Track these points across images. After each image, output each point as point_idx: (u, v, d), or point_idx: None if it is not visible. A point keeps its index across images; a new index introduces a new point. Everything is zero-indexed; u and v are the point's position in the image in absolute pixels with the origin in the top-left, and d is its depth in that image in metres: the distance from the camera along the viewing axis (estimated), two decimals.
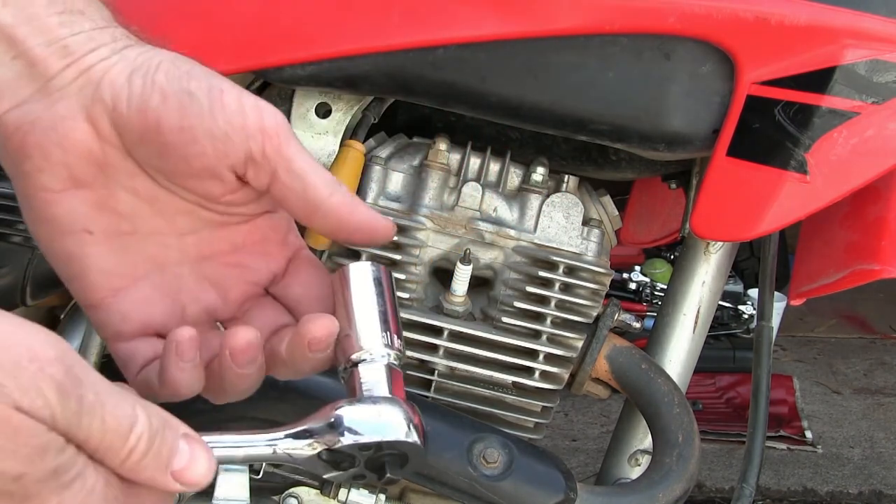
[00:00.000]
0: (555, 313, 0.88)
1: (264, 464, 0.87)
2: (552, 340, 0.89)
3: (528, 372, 0.90)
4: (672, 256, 3.00)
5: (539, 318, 0.89)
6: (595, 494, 0.86)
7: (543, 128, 0.84)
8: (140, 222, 0.54)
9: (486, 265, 0.89)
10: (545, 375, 0.90)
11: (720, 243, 0.96)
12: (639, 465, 0.99)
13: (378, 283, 0.56)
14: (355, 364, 0.54)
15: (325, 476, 0.53)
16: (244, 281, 0.58)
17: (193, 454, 0.46)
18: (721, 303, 2.63)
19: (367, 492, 0.87)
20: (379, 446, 0.51)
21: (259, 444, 0.51)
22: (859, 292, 1.13)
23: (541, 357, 0.89)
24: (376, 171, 0.87)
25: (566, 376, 0.92)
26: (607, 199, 0.94)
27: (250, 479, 0.87)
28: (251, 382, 0.53)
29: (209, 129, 0.50)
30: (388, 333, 0.55)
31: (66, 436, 0.41)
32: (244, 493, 0.87)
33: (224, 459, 0.51)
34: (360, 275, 0.56)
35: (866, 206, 0.81)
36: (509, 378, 0.90)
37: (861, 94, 0.75)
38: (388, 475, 0.52)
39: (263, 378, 0.54)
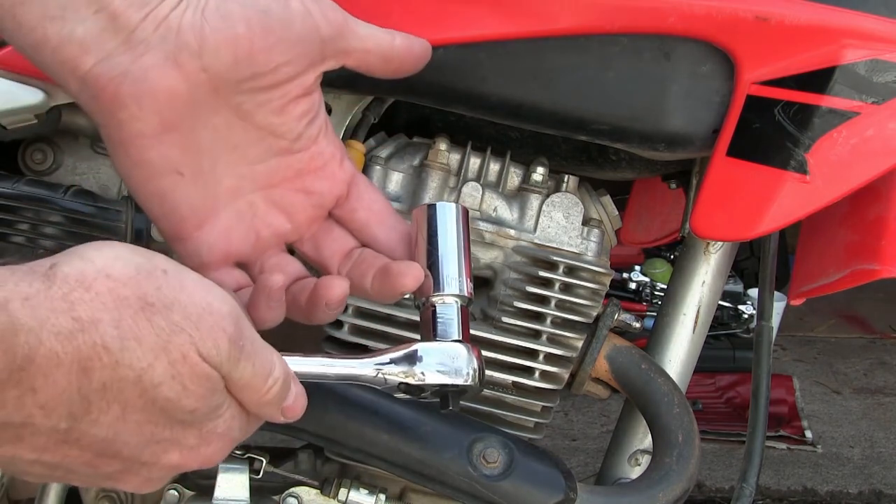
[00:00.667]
0: (555, 313, 0.88)
1: (264, 463, 0.87)
2: (552, 340, 0.89)
3: (528, 372, 0.90)
4: (672, 256, 3.00)
5: (539, 317, 0.89)
6: (595, 494, 0.86)
7: (543, 128, 0.84)
8: (218, 157, 0.59)
9: (486, 265, 0.89)
10: (545, 375, 0.90)
11: (720, 243, 0.96)
12: (639, 465, 0.99)
13: (460, 223, 0.63)
14: (434, 304, 0.62)
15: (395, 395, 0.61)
16: (310, 205, 0.64)
17: (297, 393, 0.55)
18: (721, 303, 2.63)
19: (366, 492, 0.88)
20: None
21: (357, 366, 0.59)
22: (859, 292, 1.13)
23: (541, 357, 0.89)
24: (376, 171, 0.87)
25: (566, 376, 0.92)
26: (607, 199, 0.94)
27: (250, 479, 0.87)
28: (335, 314, 0.61)
29: (289, 36, 0.56)
30: (464, 278, 0.62)
31: (225, 377, 0.49)
32: (244, 493, 0.87)
33: (317, 377, 0.58)
34: (446, 214, 0.63)
35: (866, 206, 0.81)
36: (509, 378, 0.90)
37: (861, 94, 0.75)
38: (450, 406, 0.60)
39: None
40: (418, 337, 0.62)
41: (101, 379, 0.45)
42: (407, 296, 0.62)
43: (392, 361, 0.59)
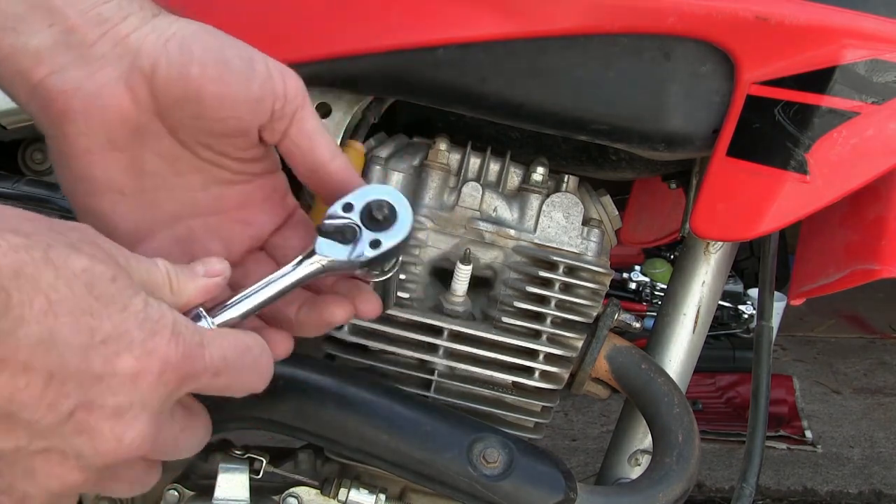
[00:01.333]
0: (555, 313, 0.88)
1: (264, 463, 0.87)
2: (552, 340, 0.89)
3: (528, 372, 0.90)
4: (672, 256, 3.00)
5: (539, 317, 0.89)
6: (595, 494, 0.86)
7: (543, 128, 0.84)
8: (161, 181, 0.59)
9: (486, 265, 0.89)
10: (545, 375, 0.90)
11: (720, 243, 0.96)
12: (639, 465, 0.99)
13: None
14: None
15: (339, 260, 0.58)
16: (248, 236, 0.64)
17: (207, 264, 0.55)
18: (721, 303, 2.63)
19: (366, 492, 0.87)
20: (369, 205, 0.58)
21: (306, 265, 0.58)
22: (859, 292, 1.13)
23: (541, 357, 0.89)
24: (376, 171, 0.87)
25: (566, 376, 0.92)
26: (607, 199, 0.94)
27: (250, 479, 0.87)
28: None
29: (245, 95, 0.56)
30: None
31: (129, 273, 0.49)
32: (244, 493, 0.87)
33: (275, 298, 0.58)
34: None
35: (866, 206, 0.81)
36: (509, 378, 0.90)
37: (861, 94, 0.75)
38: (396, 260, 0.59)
39: None
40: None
41: (9, 265, 0.42)
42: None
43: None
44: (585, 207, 0.90)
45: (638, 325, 0.97)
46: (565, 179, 0.90)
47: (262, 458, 0.88)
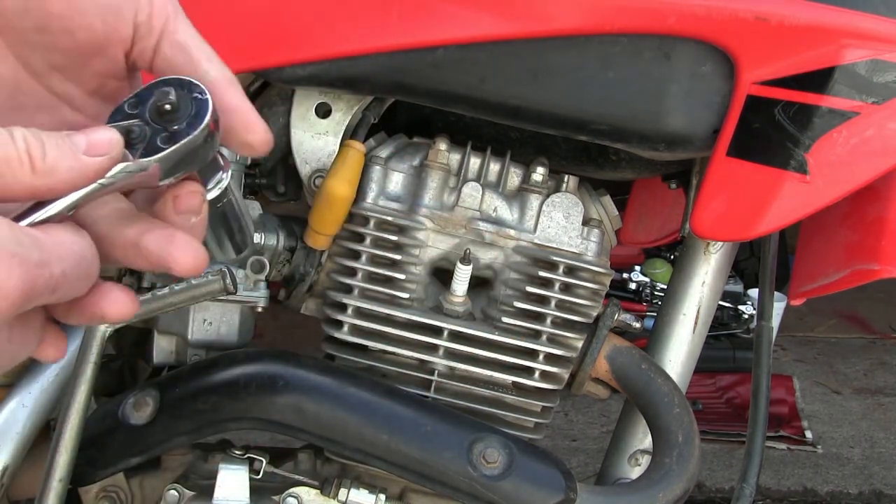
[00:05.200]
0: (555, 313, 0.88)
1: (264, 463, 0.87)
2: (552, 340, 0.89)
3: (528, 372, 0.90)
4: (672, 256, 3.00)
5: (539, 318, 0.89)
6: (595, 494, 0.86)
7: (543, 128, 0.84)
8: None
9: (486, 265, 0.89)
10: (545, 375, 0.90)
11: (720, 243, 0.96)
12: (639, 465, 0.99)
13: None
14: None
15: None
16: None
17: (88, 131, 0.44)
18: (721, 303, 2.63)
19: (366, 492, 0.87)
20: (154, 98, 0.47)
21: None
22: (859, 292, 1.13)
23: (541, 357, 0.89)
24: (376, 171, 0.87)
25: (566, 376, 0.92)
26: (607, 199, 0.94)
27: (250, 479, 0.87)
28: None
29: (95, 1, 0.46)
30: None
31: None
32: (244, 493, 0.87)
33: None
34: None
35: (866, 206, 0.81)
36: (509, 378, 0.90)
37: (861, 94, 0.75)
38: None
39: None
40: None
41: None
42: None
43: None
44: (585, 207, 0.90)
45: (638, 325, 0.97)
46: (565, 179, 0.90)
47: (262, 458, 0.88)
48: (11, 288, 0.39)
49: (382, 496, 0.88)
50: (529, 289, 0.87)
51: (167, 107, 0.46)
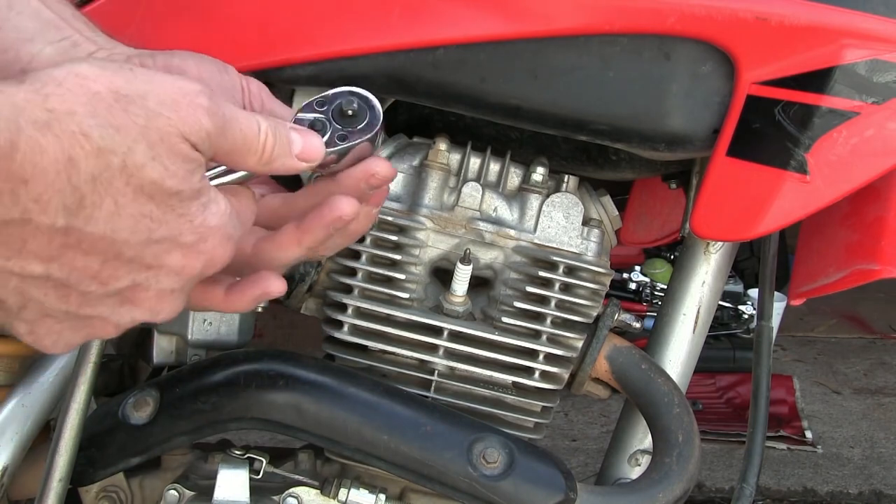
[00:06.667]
0: (555, 313, 0.88)
1: (264, 463, 0.87)
2: (552, 340, 0.89)
3: (528, 372, 0.90)
4: (672, 256, 3.00)
5: (539, 318, 0.89)
6: (595, 494, 0.86)
7: (543, 128, 0.84)
8: None
9: (486, 265, 0.89)
10: (545, 375, 0.90)
11: (720, 243, 0.96)
12: (639, 465, 0.99)
13: None
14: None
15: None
16: None
17: (306, 138, 0.56)
18: (721, 303, 2.63)
19: (366, 492, 0.87)
20: (339, 102, 0.60)
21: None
22: (859, 292, 1.13)
23: (541, 357, 0.89)
24: None
25: (566, 376, 0.92)
26: (607, 199, 0.94)
27: (250, 479, 0.87)
28: None
29: None
30: None
31: (215, 151, 0.51)
32: (244, 493, 0.87)
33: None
34: None
35: (866, 206, 0.81)
36: (509, 378, 0.90)
37: (861, 94, 0.75)
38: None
39: None
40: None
41: (88, 169, 0.46)
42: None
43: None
44: (585, 207, 0.90)
45: (638, 325, 0.97)
46: (565, 179, 0.90)
47: (262, 458, 0.88)
48: (220, 256, 0.53)
49: (382, 496, 0.88)
50: (529, 289, 0.87)
51: (349, 112, 0.59)
